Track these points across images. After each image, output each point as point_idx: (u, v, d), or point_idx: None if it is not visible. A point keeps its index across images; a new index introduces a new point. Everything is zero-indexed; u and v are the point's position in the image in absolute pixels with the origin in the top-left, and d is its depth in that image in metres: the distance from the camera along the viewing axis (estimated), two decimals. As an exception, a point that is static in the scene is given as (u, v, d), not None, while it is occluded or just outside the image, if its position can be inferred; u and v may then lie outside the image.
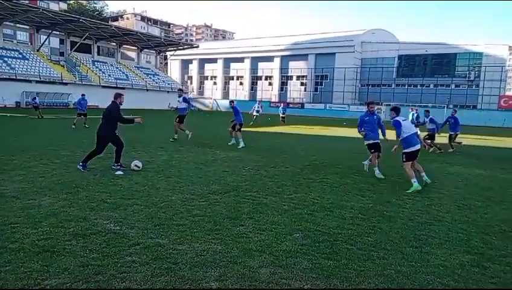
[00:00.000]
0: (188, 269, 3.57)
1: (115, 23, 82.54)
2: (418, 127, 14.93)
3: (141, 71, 60.57)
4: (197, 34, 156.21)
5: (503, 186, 8.26)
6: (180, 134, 14.38)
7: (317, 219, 5.29)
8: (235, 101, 15.19)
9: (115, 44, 59.66)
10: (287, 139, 17.70)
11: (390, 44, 62.51)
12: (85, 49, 54.46)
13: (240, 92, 73.66)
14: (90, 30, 50.28)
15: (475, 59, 55.99)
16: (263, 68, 71.78)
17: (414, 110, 18.61)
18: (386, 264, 3.89)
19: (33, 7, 43.64)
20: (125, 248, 4.00)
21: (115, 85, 48.18)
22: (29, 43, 49.42)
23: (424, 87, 58.23)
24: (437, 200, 6.74)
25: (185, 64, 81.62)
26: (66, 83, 45.33)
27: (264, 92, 70.68)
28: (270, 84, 72.29)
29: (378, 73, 60.23)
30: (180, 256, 3.85)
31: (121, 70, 56.92)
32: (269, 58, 70.62)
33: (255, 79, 74.26)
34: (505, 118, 44.90)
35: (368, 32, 64.80)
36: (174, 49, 67.17)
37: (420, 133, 13.10)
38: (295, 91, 68.39)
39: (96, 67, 53.49)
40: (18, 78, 41.00)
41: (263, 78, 72.81)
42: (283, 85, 71.04)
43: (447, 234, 4.94)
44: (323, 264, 3.83)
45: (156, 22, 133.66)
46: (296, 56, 67.96)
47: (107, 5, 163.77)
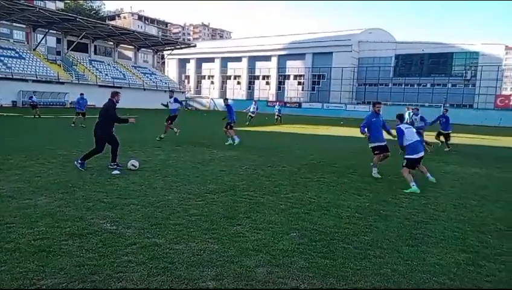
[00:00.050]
0: (184, 269, 3.57)
1: (112, 22, 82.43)
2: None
3: (138, 70, 60.44)
4: (194, 33, 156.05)
5: (499, 185, 8.30)
6: (171, 133, 14.38)
7: (314, 218, 5.30)
8: (229, 99, 15.26)
9: (112, 43, 59.50)
10: (284, 139, 17.71)
11: (388, 43, 62.68)
12: (82, 48, 54.30)
13: (238, 91, 73.62)
14: (87, 29, 50.11)
15: (471, 58, 56.23)
16: (260, 67, 71.75)
17: (410, 110, 18.61)
18: (382, 263, 3.90)
19: (30, 6, 43.47)
20: (122, 248, 3.99)
21: (112, 84, 48.03)
22: (26, 42, 49.24)
23: (420, 87, 58.38)
24: (433, 199, 6.77)
25: (182, 63, 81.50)
26: (62, 83, 45.20)
27: (262, 91, 70.66)
28: (267, 83, 72.27)
29: (375, 72, 60.36)
30: (176, 255, 3.85)
31: (118, 70, 56.79)
32: (267, 58, 70.62)
33: (252, 78, 74.24)
34: (501, 118, 45.08)
35: (365, 31, 64.93)
36: (172, 48, 67.06)
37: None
38: (292, 90, 68.45)
39: (93, 67, 53.34)
40: (14, 77, 40.84)
41: (260, 77, 72.79)
42: (280, 84, 71.07)
43: (443, 232, 4.96)
44: (320, 263, 3.83)
45: (153, 21, 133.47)
46: (294, 55, 67.98)
47: (104, 4, 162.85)
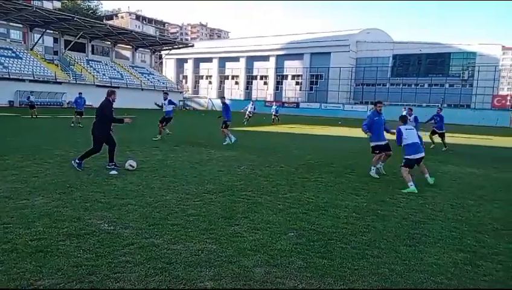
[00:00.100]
0: (182, 269, 3.56)
1: (110, 22, 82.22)
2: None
3: (136, 70, 60.32)
4: (192, 33, 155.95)
5: (496, 185, 8.33)
6: (167, 134, 14.40)
7: (311, 218, 5.30)
8: (225, 98, 15.35)
9: (109, 43, 59.36)
10: (281, 139, 17.72)
11: (385, 43, 62.81)
12: (79, 48, 54.14)
13: (235, 91, 73.60)
14: (84, 29, 49.98)
15: (469, 59, 56.44)
16: (258, 67, 71.77)
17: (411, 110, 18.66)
18: (380, 263, 3.91)
19: (27, 6, 43.30)
20: (119, 248, 3.98)
21: (110, 84, 47.91)
22: (23, 42, 49.04)
23: (418, 87, 58.56)
24: (431, 199, 6.78)
25: (180, 63, 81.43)
26: (60, 82, 45.05)
27: (260, 91, 70.69)
28: (265, 83, 72.31)
29: (373, 72, 60.46)
30: (174, 256, 3.85)
31: (115, 70, 56.66)
32: (264, 58, 70.63)
33: (250, 78, 74.25)
34: (498, 118, 45.28)
35: (363, 31, 65.04)
36: (169, 48, 66.98)
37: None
38: (290, 90, 68.49)
39: (91, 67, 53.19)
40: (11, 77, 40.65)
41: (258, 77, 72.80)
42: (278, 84, 71.10)
43: (441, 232, 4.97)
44: (318, 263, 3.84)
45: (150, 21, 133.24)
46: (292, 55, 68.04)
47: (102, 4, 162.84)
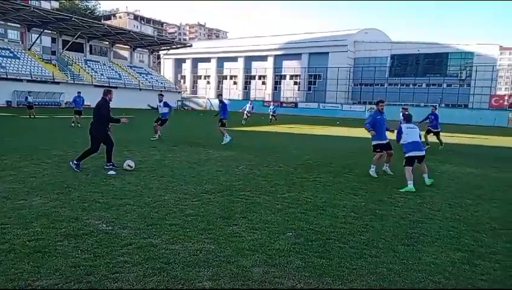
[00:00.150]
0: (180, 269, 3.56)
1: (108, 22, 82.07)
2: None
3: (134, 70, 60.25)
4: (190, 33, 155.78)
5: (494, 185, 8.35)
6: (167, 133, 14.37)
7: (310, 218, 5.30)
8: (222, 96, 15.48)
9: (107, 43, 59.27)
10: (280, 139, 17.72)
11: (383, 44, 62.93)
12: (77, 48, 54.04)
13: (234, 91, 73.60)
14: (82, 29, 49.89)
15: (466, 59, 56.63)
16: (257, 67, 71.80)
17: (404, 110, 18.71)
18: (378, 263, 3.91)
19: (24, 6, 43.19)
20: (118, 248, 3.97)
21: (108, 84, 47.75)
22: (21, 42, 48.95)
23: (416, 87, 58.71)
24: (429, 198, 6.79)
25: (178, 63, 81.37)
26: (58, 82, 44.95)
27: (258, 91, 70.72)
28: (263, 83, 72.34)
29: (371, 72, 60.57)
30: (173, 256, 3.84)
31: (113, 70, 56.57)
32: (263, 58, 70.67)
33: (248, 78, 74.28)
34: (495, 117, 45.41)
35: (361, 31, 65.13)
36: (167, 48, 66.91)
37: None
38: (288, 90, 68.53)
39: (89, 67, 53.10)
40: (9, 77, 40.56)
41: (257, 77, 72.85)
42: (276, 84, 71.16)
43: (438, 232, 4.98)
44: (316, 262, 3.84)
45: (148, 21, 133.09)
46: (290, 55, 68.10)
47: (100, 4, 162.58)
